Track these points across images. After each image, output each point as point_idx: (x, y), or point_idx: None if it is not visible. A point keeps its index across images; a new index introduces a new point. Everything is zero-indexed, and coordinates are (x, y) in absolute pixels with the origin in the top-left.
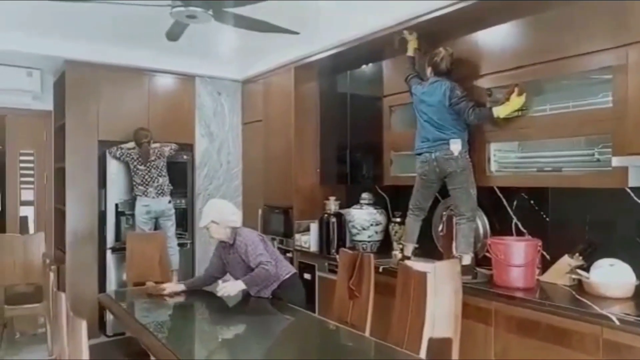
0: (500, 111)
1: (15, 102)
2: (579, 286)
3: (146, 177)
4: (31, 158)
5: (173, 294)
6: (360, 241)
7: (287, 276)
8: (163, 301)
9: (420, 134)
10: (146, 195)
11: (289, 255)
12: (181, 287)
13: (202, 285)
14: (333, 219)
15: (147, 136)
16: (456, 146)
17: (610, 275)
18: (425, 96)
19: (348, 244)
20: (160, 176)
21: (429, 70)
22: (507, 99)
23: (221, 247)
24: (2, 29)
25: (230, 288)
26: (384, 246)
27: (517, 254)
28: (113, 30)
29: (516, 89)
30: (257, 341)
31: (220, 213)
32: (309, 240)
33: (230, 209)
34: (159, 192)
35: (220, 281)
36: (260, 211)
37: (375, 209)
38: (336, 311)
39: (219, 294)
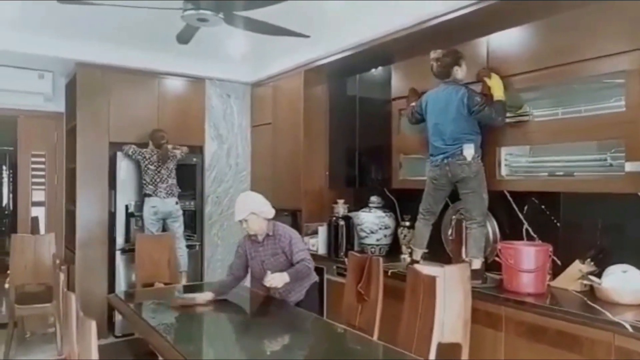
0: (498, 96)
1: (28, 103)
2: (591, 292)
3: (155, 177)
4: (42, 159)
5: (205, 303)
6: (368, 244)
7: (314, 281)
8: (188, 309)
9: (433, 147)
10: (156, 195)
11: None
12: (210, 295)
13: (229, 290)
14: (341, 222)
15: (164, 137)
16: (469, 151)
17: (622, 282)
18: (439, 103)
19: (356, 247)
20: (169, 177)
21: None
22: (489, 89)
23: (248, 242)
24: (16, 31)
25: (278, 279)
26: (393, 250)
27: (528, 259)
28: (124, 33)
29: (485, 79)
30: (264, 343)
31: (258, 204)
32: (317, 243)
33: (265, 200)
34: (168, 192)
35: (269, 272)
36: None
37: (384, 212)
38: (344, 314)
39: (267, 284)
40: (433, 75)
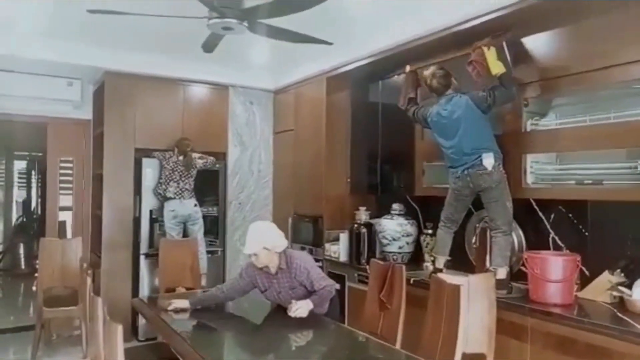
0: (497, 72)
1: (57, 111)
2: (621, 304)
3: (168, 177)
4: (70, 165)
5: (178, 310)
6: (390, 252)
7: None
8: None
9: (450, 161)
10: (166, 194)
11: (318, 264)
12: (185, 304)
13: (212, 304)
14: (363, 229)
15: (189, 145)
16: (489, 160)
17: None
18: (446, 121)
19: (378, 254)
20: (181, 180)
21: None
22: (485, 61)
23: (259, 272)
24: (46, 41)
25: (305, 309)
26: (415, 257)
27: (555, 269)
28: (151, 41)
29: (484, 48)
30: (284, 349)
31: (271, 238)
32: (338, 250)
33: (278, 231)
34: (177, 192)
35: (293, 301)
36: (290, 220)
37: (406, 219)
38: (366, 322)
39: (293, 315)
40: (433, 92)
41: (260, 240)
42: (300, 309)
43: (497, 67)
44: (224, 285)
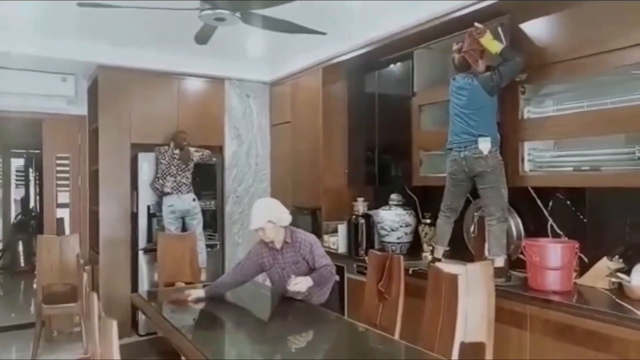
0: (497, 51)
1: (52, 107)
2: (620, 290)
3: (165, 171)
4: (67, 161)
5: (196, 301)
6: (389, 242)
7: (334, 281)
8: (191, 305)
9: (451, 128)
10: (163, 188)
11: None
12: (201, 293)
13: (226, 291)
14: (361, 220)
15: (185, 139)
16: (485, 145)
17: None
18: (457, 90)
19: (377, 245)
20: (178, 174)
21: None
22: (482, 49)
23: (266, 249)
24: (39, 36)
25: (304, 283)
26: (414, 248)
27: (553, 256)
28: (144, 35)
29: (475, 36)
30: (285, 342)
31: (275, 212)
32: (337, 241)
33: (282, 207)
34: (175, 187)
35: (293, 275)
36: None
37: (405, 210)
38: (365, 313)
39: (291, 289)
40: (454, 67)
41: (265, 214)
42: (299, 283)
43: (495, 46)
44: (238, 268)
